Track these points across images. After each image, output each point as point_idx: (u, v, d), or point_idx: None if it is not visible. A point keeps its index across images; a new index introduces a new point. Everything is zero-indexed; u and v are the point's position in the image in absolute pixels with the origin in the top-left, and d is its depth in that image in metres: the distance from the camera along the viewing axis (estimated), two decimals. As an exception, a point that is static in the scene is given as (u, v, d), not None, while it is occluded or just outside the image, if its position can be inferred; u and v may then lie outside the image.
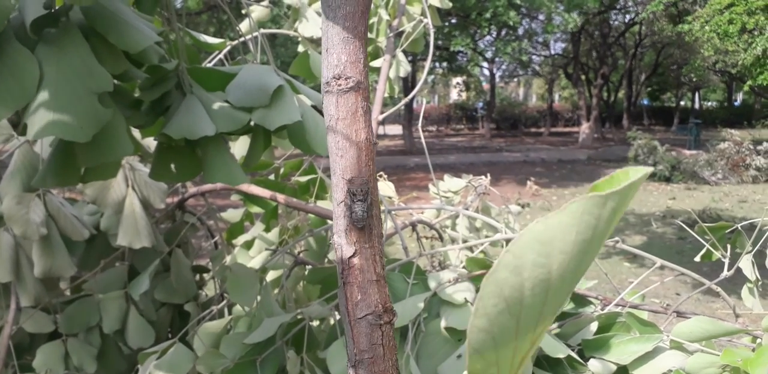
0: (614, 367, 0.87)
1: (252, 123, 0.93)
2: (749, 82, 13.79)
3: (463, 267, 0.97)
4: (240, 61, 1.10)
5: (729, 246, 1.12)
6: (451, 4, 1.66)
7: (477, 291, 0.96)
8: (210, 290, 1.61)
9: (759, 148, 11.78)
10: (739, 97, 31.42)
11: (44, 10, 0.74)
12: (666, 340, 0.89)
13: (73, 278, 1.36)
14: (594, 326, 0.94)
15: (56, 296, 1.30)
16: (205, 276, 1.60)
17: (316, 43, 1.47)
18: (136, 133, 1.05)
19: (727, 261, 1.07)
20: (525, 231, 0.30)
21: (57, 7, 0.78)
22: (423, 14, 1.48)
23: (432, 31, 1.39)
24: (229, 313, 1.41)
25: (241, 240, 1.45)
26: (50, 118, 0.70)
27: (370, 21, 1.53)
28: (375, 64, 1.44)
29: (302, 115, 0.90)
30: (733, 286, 1.17)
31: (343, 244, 0.49)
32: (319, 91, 1.24)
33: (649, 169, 0.33)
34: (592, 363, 0.88)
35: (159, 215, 1.57)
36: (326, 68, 0.49)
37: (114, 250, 1.36)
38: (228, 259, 1.42)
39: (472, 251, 1.30)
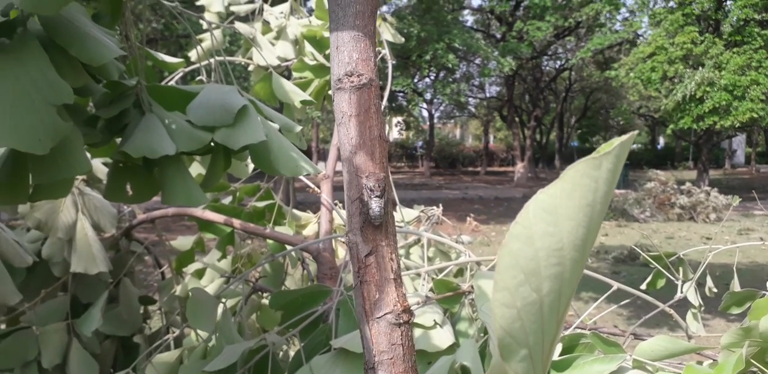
0: (581, 387, 0.87)
1: (212, 143, 0.90)
2: (671, 126, 14.66)
3: (431, 291, 0.96)
4: (199, 81, 1.08)
5: (681, 271, 1.16)
6: (403, 40, 1.70)
7: (445, 313, 0.95)
8: (155, 322, 1.53)
9: (682, 187, 12.43)
10: (662, 140, 33.29)
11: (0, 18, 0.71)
12: (629, 360, 0.90)
13: (9, 309, 1.27)
14: (558, 348, 0.94)
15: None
16: (150, 308, 1.52)
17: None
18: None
19: (679, 283, 1.10)
20: (530, 202, 0.30)
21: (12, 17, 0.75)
22: (380, 46, 1.50)
23: (390, 63, 1.41)
24: (176, 347, 1.34)
25: (191, 268, 1.40)
26: (7, 128, 0.66)
27: (327, 52, 1.54)
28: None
29: (266, 135, 0.89)
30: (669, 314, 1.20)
31: (359, 242, 0.48)
32: (280, 112, 1.23)
33: (635, 132, 0.33)
34: (560, 384, 0.87)
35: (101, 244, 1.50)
36: (337, 65, 0.49)
37: (55, 280, 1.28)
38: (178, 289, 1.35)
39: (420, 276, 1.29)
